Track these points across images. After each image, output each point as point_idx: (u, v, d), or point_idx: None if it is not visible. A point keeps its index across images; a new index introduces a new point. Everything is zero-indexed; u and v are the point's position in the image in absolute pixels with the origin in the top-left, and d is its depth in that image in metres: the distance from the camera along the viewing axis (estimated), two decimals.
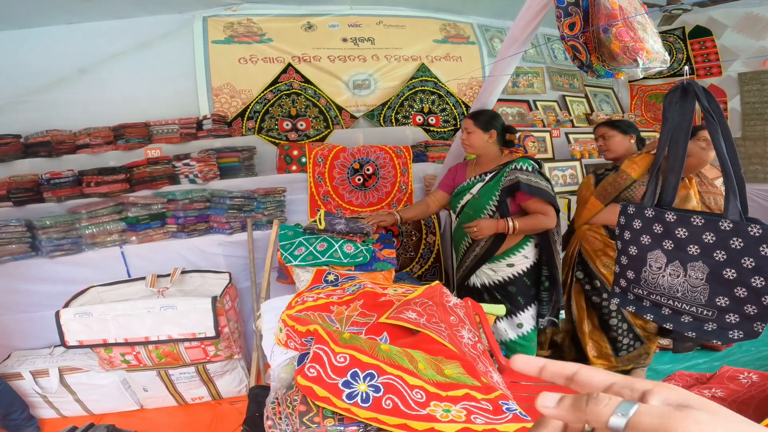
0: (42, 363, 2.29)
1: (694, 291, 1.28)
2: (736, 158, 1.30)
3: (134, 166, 2.52)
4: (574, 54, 2.20)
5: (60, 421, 2.32)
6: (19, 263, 2.32)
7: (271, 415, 0.99)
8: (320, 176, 2.81)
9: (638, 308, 1.43)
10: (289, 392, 0.99)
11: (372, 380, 0.85)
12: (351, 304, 1.38)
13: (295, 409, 0.94)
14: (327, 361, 0.90)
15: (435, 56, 3.83)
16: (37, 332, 2.45)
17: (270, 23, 3.30)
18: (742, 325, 1.19)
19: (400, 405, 0.79)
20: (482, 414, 0.76)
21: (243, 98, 3.19)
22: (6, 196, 2.38)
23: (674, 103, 1.43)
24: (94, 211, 2.30)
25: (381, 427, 0.82)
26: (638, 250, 1.43)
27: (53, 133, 2.52)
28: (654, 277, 1.37)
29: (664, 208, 1.40)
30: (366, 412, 0.81)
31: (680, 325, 1.29)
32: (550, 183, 1.95)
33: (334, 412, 0.88)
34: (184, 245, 2.48)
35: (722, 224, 1.23)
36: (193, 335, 2.16)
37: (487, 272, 2.08)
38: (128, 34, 2.89)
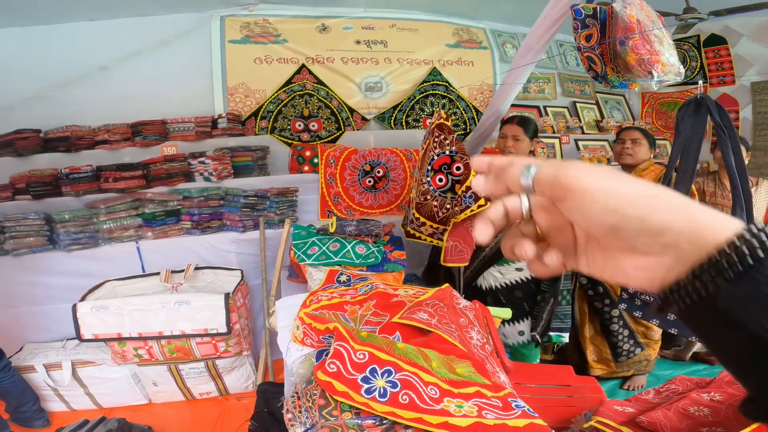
0: (55, 356, 2.35)
1: None
2: (744, 172, 1.38)
3: (151, 163, 2.62)
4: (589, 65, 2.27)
5: (69, 414, 2.38)
6: (36, 256, 2.41)
7: (291, 408, 1.08)
8: (331, 177, 2.90)
9: (644, 314, 1.52)
10: (308, 387, 1.07)
11: (389, 376, 0.93)
12: (364, 304, 1.46)
13: (314, 402, 1.02)
14: (347, 358, 0.99)
15: (447, 60, 3.91)
16: (50, 325, 2.53)
17: (285, 24, 3.40)
18: None
19: (416, 400, 0.87)
20: (493, 410, 0.84)
21: (257, 98, 3.28)
22: (25, 189, 2.48)
23: (687, 116, 1.51)
24: (112, 207, 2.40)
25: (396, 421, 0.90)
26: None
27: (72, 129, 2.62)
28: None
29: None
30: (383, 407, 0.90)
31: (684, 330, 1.37)
32: None
33: (352, 406, 0.96)
34: (197, 242, 2.57)
35: None
36: (205, 331, 2.24)
37: (494, 274, 2.08)
38: (148, 31, 2.99)
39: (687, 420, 0.88)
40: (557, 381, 1.23)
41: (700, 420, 0.87)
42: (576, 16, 1.84)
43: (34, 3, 2.52)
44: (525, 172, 0.33)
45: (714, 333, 0.28)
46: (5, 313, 2.43)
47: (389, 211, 3.03)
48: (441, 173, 2.07)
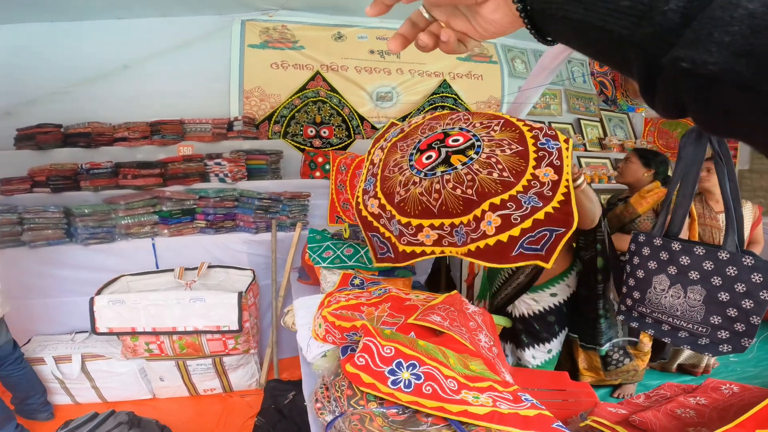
0: (65, 349, 2.43)
1: (691, 310, 1.53)
2: (737, 198, 1.55)
3: (169, 162, 2.76)
4: (601, 89, 2.44)
5: (73, 407, 2.45)
6: (52, 248, 2.52)
7: (320, 398, 1.21)
8: (342, 184, 3.04)
9: (641, 324, 1.68)
10: (336, 378, 1.21)
11: (414, 369, 1.07)
12: (379, 306, 1.60)
13: (343, 393, 1.16)
14: (375, 352, 1.12)
15: (457, 73, 4.08)
16: (60, 318, 2.62)
17: (303, 31, 3.55)
18: (731, 341, 1.44)
19: (438, 391, 1.01)
20: (505, 402, 0.99)
21: (271, 102, 3.43)
22: (44, 182, 2.60)
23: (689, 143, 1.65)
24: (131, 203, 2.53)
25: (419, 409, 1.04)
26: (645, 273, 1.67)
27: (94, 125, 2.74)
28: (657, 298, 1.62)
29: (671, 238, 1.64)
30: (408, 396, 1.03)
31: (677, 339, 1.54)
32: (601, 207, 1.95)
33: (376, 396, 1.10)
34: (210, 241, 2.71)
35: (720, 254, 1.47)
36: (217, 328, 2.37)
37: (528, 302, 2.08)
38: (172, 32, 3.12)
39: (674, 421, 1.02)
40: (553, 386, 1.37)
41: (687, 421, 1.02)
42: None
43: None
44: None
45: (564, 37, 0.38)
46: (16, 304, 2.47)
47: None
48: (431, 150, 1.53)
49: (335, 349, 1.45)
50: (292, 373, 2.75)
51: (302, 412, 2.20)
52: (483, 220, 1.35)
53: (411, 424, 1.02)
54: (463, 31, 0.48)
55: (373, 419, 1.03)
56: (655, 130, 5.05)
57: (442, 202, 1.43)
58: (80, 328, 2.62)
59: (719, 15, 0.27)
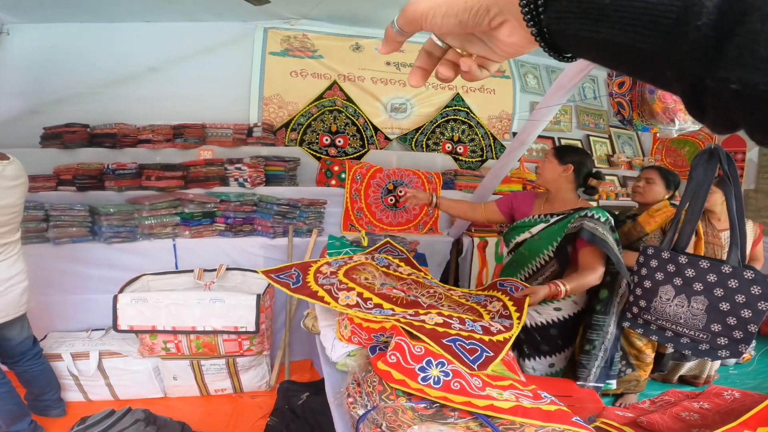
0: (82, 345, 2.49)
1: (694, 318, 1.67)
2: (742, 216, 1.70)
3: (191, 165, 2.89)
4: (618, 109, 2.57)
5: (86, 404, 2.50)
6: (76, 246, 2.62)
7: (352, 393, 1.33)
8: (356, 193, 3.17)
9: (645, 330, 1.82)
10: (368, 375, 1.33)
11: (443, 367, 1.19)
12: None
13: (374, 388, 1.27)
14: (407, 350, 1.24)
15: (470, 87, 4.23)
16: (78, 315, 2.70)
17: (322, 41, 3.71)
18: (730, 347, 1.58)
19: (466, 387, 1.13)
20: (527, 398, 1.11)
21: (289, 110, 3.58)
22: (70, 180, 2.73)
23: (701, 164, 1.80)
24: (155, 204, 2.65)
25: (446, 404, 1.16)
26: (652, 284, 1.81)
27: (120, 126, 2.88)
28: (662, 306, 1.77)
29: (678, 252, 1.78)
30: (437, 392, 1.15)
31: (679, 344, 1.69)
32: (617, 241, 1.91)
33: (405, 392, 1.21)
34: (229, 244, 2.83)
35: (723, 268, 1.62)
36: (235, 328, 2.47)
37: (531, 313, 2.05)
38: (197, 36, 3.27)
39: (680, 423, 1.15)
40: (560, 392, 1.49)
41: (691, 423, 1.14)
42: None
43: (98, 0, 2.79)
44: (392, 24, 0.47)
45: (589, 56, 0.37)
46: (34, 300, 2.52)
47: (407, 229, 3.31)
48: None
49: (359, 348, 1.56)
50: (302, 375, 2.85)
51: (315, 413, 2.30)
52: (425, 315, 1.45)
53: (439, 417, 1.14)
54: (482, 55, 0.47)
55: (404, 412, 1.15)
56: (663, 148, 5.17)
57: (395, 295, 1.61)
58: (97, 325, 2.71)
59: (760, 28, 0.26)
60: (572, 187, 2.02)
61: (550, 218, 2.00)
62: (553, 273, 2.02)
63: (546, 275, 2.03)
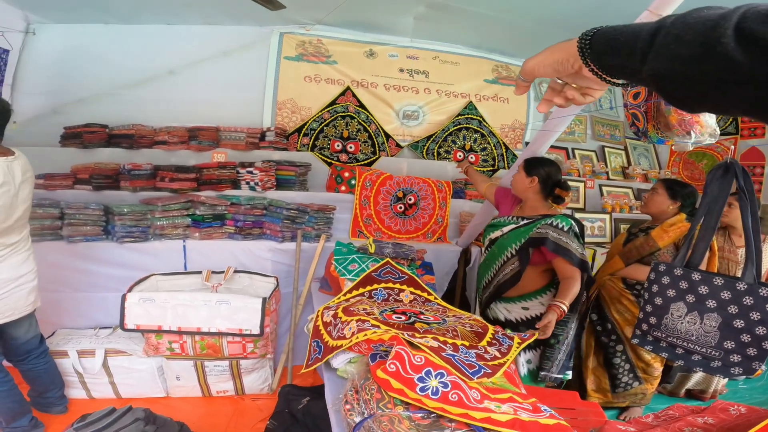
0: (88, 343, 2.56)
1: (706, 336, 1.68)
2: (758, 232, 1.70)
3: (204, 168, 2.99)
4: (633, 121, 2.59)
5: (88, 402, 2.56)
6: (88, 244, 2.71)
7: (350, 400, 1.38)
8: (366, 200, 3.24)
9: (655, 348, 1.84)
10: (366, 382, 1.38)
11: (442, 378, 1.23)
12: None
13: (372, 396, 1.32)
14: (407, 360, 1.28)
15: (483, 95, 4.28)
16: (86, 312, 2.78)
17: (336, 46, 3.80)
18: (743, 364, 1.59)
19: (464, 399, 1.17)
20: (525, 411, 1.15)
21: (302, 115, 3.67)
22: (87, 179, 2.83)
23: (716, 179, 1.80)
24: (167, 205, 2.74)
25: (443, 415, 1.20)
26: (663, 301, 1.82)
27: (138, 128, 2.99)
28: (674, 324, 1.78)
29: (691, 269, 1.78)
30: (435, 403, 1.19)
31: (691, 362, 1.70)
32: (582, 246, 2.05)
33: (403, 401, 1.26)
34: (238, 246, 2.91)
35: (738, 285, 1.63)
36: (240, 331, 2.53)
37: (501, 310, 2.24)
38: (215, 40, 3.38)
39: None
40: (562, 404, 1.52)
41: None
42: None
43: (121, 1, 2.90)
44: (518, 76, 0.77)
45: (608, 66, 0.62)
46: (43, 297, 2.59)
47: (415, 237, 3.36)
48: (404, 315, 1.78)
49: (360, 356, 1.61)
50: (304, 380, 2.90)
51: (315, 418, 2.35)
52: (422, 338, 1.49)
53: (435, 427, 1.18)
54: (585, 86, 0.72)
55: (401, 421, 1.20)
56: (680, 160, 5.14)
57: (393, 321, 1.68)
58: (104, 323, 2.80)
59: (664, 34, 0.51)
60: (540, 196, 2.22)
61: (520, 221, 2.21)
62: (513, 271, 2.16)
63: (506, 272, 2.19)
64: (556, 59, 0.68)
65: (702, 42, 0.47)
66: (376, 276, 2.20)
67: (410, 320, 1.73)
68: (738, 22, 0.45)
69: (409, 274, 2.22)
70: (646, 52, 0.53)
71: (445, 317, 1.84)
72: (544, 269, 2.15)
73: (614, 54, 0.60)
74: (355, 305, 1.85)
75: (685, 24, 0.50)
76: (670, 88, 0.53)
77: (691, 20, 0.49)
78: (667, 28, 0.51)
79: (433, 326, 1.71)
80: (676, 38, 0.50)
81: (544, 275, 2.18)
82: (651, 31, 0.53)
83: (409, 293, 2.11)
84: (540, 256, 2.11)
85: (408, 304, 2.02)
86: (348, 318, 1.65)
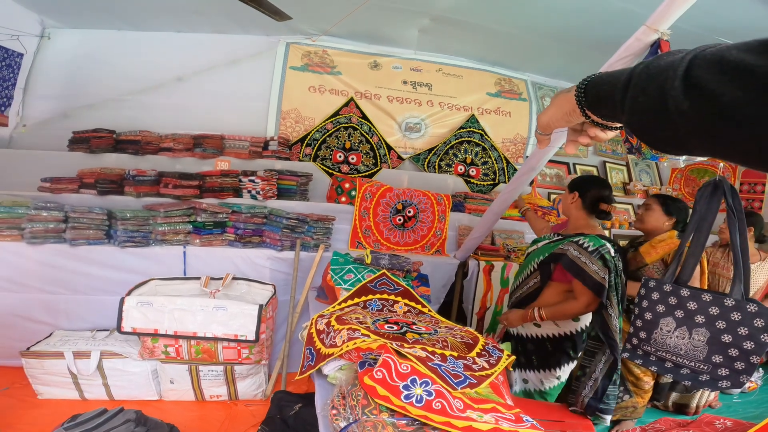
0: (84, 345, 2.60)
1: (695, 350, 1.75)
2: (746, 250, 1.77)
3: (208, 175, 3.09)
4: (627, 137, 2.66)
5: (80, 402, 2.59)
6: (91, 248, 2.79)
7: (336, 405, 1.45)
8: (365, 211, 3.33)
9: (645, 361, 1.90)
10: (353, 389, 1.46)
11: (426, 386, 1.31)
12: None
13: (358, 402, 1.39)
14: (393, 368, 1.36)
15: (486, 109, 4.37)
16: (84, 314, 2.86)
17: (341, 57, 3.91)
18: (731, 377, 1.65)
19: (447, 408, 1.24)
20: (507, 421, 1.22)
21: (306, 125, 3.78)
22: (92, 184, 2.94)
23: (705, 197, 1.87)
24: (170, 211, 2.84)
25: (427, 423, 1.27)
26: (653, 316, 1.88)
27: (144, 134, 3.10)
28: (663, 338, 1.84)
29: (680, 285, 1.85)
30: (418, 411, 1.26)
31: (679, 375, 1.77)
32: (605, 270, 1.97)
33: (388, 408, 1.33)
34: (237, 254, 3.00)
35: (726, 301, 1.70)
36: (235, 336, 2.60)
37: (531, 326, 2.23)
38: (223, 48, 3.50)
39: None
40: (552, 416, 1.59)
41: None
42: None
43: (134, 8, 3.02)
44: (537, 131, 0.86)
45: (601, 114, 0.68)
46: (43, 299, 2.73)
47: (414, 249, 3.44)
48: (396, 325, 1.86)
49: (350, 363, 1.68)
50: (299, 387, 2.97)
51: (306, 425, 2.41)
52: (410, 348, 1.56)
53: None
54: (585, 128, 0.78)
55: (385, 427, 1.28)
56: (681, 177, 5.19)
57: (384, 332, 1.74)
58: (102, 325, 2.87)
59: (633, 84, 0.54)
60: (582, 213, 2.18)
61: (554, 236, 2.20)
62: (535, 285, 2.19)
63: (529, 285, 2.22)
64: (565, 111, 0.73)
65: (658, 94, 0.48)
66: (372, 287, 2.27)
67: (402, 330, 1.81)
68: (686, 70, 0.45)
69: (404, 286, 2.29)
70: (623, 103, 0.56)
71: (437, 328, 1.92)
72: (568, 289, 2.11)
73: (603, 105, 0.64)
74: (349, 314, 1.93)
75: (648, 75, 0.51)
76: (646, 138, 0.55)
77: (653, 70, 0.50)
78: (635, 80, 0.53)
79: (424, 336, 1.79)
80: (642, 91, 0.52)
81: (566, 295, 2.13)
82: (624, 82, 0.56)
83: (404, 305, 2.19)
84: (562, 274, 2.10)
85: (402, 315, 2.09)
86: (340, 327, 1.73)
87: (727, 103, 0.41)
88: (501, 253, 3.50)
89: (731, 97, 0.40)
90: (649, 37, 1.86)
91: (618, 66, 2.04)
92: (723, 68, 0.42)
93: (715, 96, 0.42)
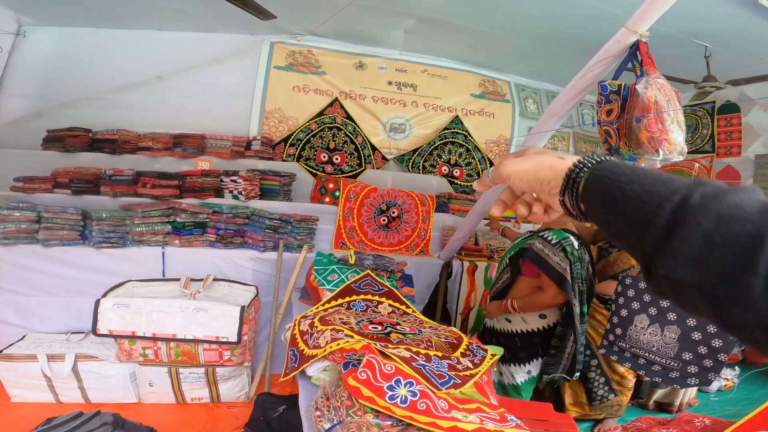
0: (58, 348, 2.54)
1: (666, 347, 1.79)
2: None
3: (187, 175, 3.04)
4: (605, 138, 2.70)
5: (55, 405, 2.53)
6: (64, 249, 2.71)
7: (320, 407, 1.44)
8: (349, 211, 3.31)
9: (620, 358, 1.94)
10: (337, 390, 1.44)
11: (411, 387, 1.30)
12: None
13: (342, 403, 1.38)
14: (378, 368, 1.35)
15: (470, 110, 4.40)
16: (58, 317, 2.78)
17: (326, 57, 3.90)
18: (699, 374, 1.70)
19: (432, 408, 1.23)
20: (492, 421, 1.22)
21: (289, 125, 3.75)
22: (66, 183, 2.86)
23: None
24: (147, 211, 2.78)
25: (411, 424, 1.26)
26: (628, 313, 1.93)
27: (122, 133, 3.03)
28: (637, 335, 1.89)
29: None
30: (403, 411, 1.25)
31: (651, 372, 1.81)
32: (567, 262, 2.02)
33: (373, 409, 1.32)
34: (218, 255, 2.95)
35: None
36: (216, 338, 2.56)
37: (503, 321, 2.31)
38: (206, 47, 3.45)
39: None
40: (536, 416, 1.60)
41: None
42: (602, 91, 2.11)
43: (115, 6, 2.95)
44: (487, 173, 0.68)
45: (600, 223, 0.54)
46: (15, 300, 2.66)
47: (398, 250, 3.44)
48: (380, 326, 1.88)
49: (334, 364, 1.67)
50: (282, 388, 2.93)
51: (290, 426, 2.38)
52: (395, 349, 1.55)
53: None
54: (549, 203, 0.64)
55: (369, 428, 1.26)
56: None
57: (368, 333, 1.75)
58: (77, 328, 2.78)
59: (686, 234, 0.40)
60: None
61: (527, 234, 2.29)
62: (507, 280, 2.27)
63: (503, 279, 2.30)
64: (540, 178, 0.60)
65: (732, 264, 0.38)
66: (356, 287, 2.26)
67: (386, 330, 1.80)
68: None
69: (389, 287, 2.28)
70: (662, 241, 0.43)
71: (421, 328, 1.91)
72: (537, 285, 2.16)
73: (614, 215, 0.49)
74: (332, 315, 1.91)
75: (717, 232, 0.39)
76: (685, 297, 0.43)
77: (723, 230, 0.39)
78: (695, 222, 0.41)
79: (408, 337, 1.78)
80: (706, 247, 0.39)
81: (535, 290, 2.18)
82: (672, 213, 0.43)
83: (388, 305, 2.18)
84: (530, 268, 2.16)
85: (386, 315, 2.08)
86: (324, 327, 1.72)
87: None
88: (484, 253, 3.51)
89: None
90: (629, 39, 1.89)
91: (598, 67, 2.06)
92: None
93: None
